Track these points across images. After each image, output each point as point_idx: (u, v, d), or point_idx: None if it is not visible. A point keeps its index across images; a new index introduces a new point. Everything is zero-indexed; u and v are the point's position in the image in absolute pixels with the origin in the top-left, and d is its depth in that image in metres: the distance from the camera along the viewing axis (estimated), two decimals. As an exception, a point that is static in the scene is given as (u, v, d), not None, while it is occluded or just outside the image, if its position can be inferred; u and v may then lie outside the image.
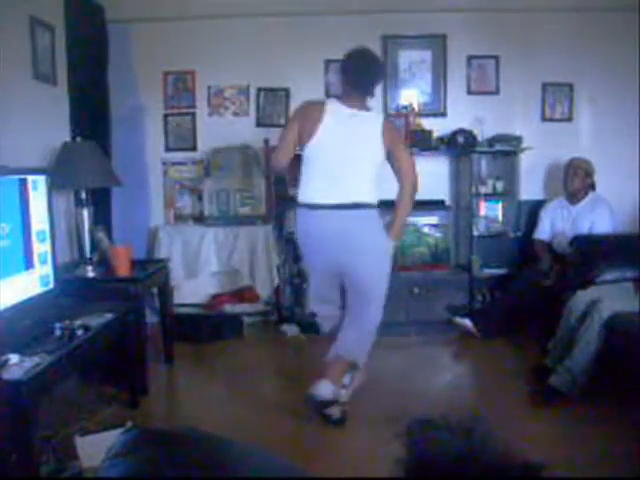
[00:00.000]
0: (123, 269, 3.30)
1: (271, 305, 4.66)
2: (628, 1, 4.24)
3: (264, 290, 4.49)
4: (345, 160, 2.81)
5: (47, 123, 3.52)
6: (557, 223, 4.22)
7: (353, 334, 2.95)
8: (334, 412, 2.90)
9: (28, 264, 2.67)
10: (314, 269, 3.04)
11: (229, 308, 4.61)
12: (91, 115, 3.93)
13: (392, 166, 2.92)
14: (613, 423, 2.78)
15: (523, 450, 0.73)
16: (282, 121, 4.69)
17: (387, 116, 3.22)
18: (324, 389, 2.88)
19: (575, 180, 4.12)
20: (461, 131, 4.41)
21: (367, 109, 2.91)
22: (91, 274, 3.33)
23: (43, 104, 3.48)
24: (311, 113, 2.85)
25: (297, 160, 2.94)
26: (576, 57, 4.57)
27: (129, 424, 2.46)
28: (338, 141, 2.80)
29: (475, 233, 4.51)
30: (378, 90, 4.52)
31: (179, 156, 4.76)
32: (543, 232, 4.28)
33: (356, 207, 2.81)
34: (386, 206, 3.00)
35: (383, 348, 3.15)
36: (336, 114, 2.82)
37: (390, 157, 2.89)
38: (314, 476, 1.60)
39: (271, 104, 4.73)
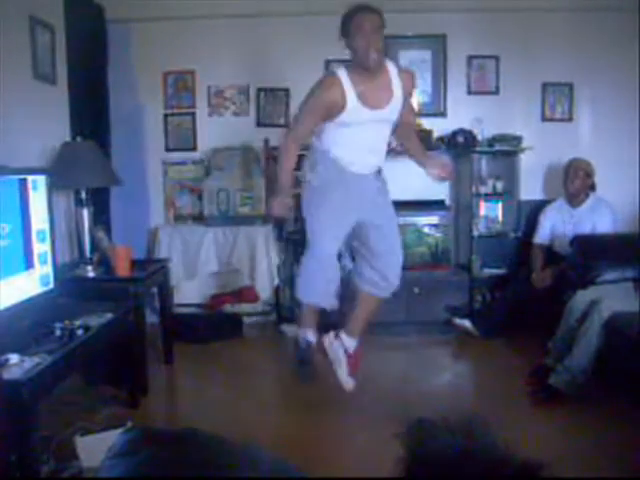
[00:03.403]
0: (123, 269, 3.30)
1: (271, 305, 4.66)
2: (628, 1, 4.24)
3: (264, 290, 4.49)
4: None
5: (47, 123, 3.52)
6: (558, 227, 4.18)
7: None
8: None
9: (28, 264, 2.67)
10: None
11: (229, 308, 4.61)
12: (91, 115, 3.93)
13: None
14: (613, 423, 2.78)
15: (523, 450, 0.73)
16: (282, 121, 4.69)
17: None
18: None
19: (576, 181, 4.10)
20: (461, 131, 4.41)
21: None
22: (91, 274, 3.33)
23: (43, 104, 3.48)
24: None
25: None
26: (576, 57, 4.56)
27: (129, 424, 2.46)
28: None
29: (475, 233, 4.50)
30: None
31: (179, 156, 4.76)
32: (543, 237, 4.24)
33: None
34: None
35: (383, 348, 3.15)
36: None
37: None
38: (314, 476, 1.60)
39: (271, 104, 4.72)
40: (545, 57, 4.58)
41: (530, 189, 4.60)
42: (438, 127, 4.53)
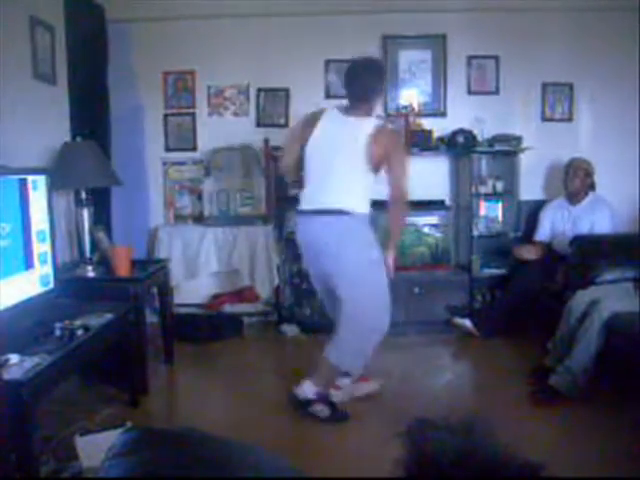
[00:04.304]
0: (123, 269, 3.30)
1: (271, 305, 4.66)
2: (628, 1, 4.24)
3: (264, 290, 4.49)
4: (328, 166, 2.88)
5: (47, 123, 3.52)
6: (557, 224, 4.21)
7: (339, 342, 2.97)
8: (319, 410, 2.93)
9: (28, 264, 2.68)
10: (312, 277, 3.16)
11: (229, 308, 4.62)
12: (91, 115, 3.92)
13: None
14: (613, 423, 2.78)
15: (523, 450, 0.73)
16: (282, 121, 4.70)
17: (387, 122, 3.18)
18: (305, 388, 2.96)
19: (575, 180, 4.12)
20: (461, 131, 4.41)
21: (368, 116, 2.93)
22: (91, 274, 3.33)
23: (43, 104, 3.48)
24: (311, 119, 2.95)
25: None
26: (576, 57, 4.56)
27: (129, 424, 2.46)
28: (325, 147, 2.89)
29: (475, 233, 4.50)
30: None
31: (179, 156, 4.76)
32: (543, 234, 4.27)
33: (332, 213, 2.85)
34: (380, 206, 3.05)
35: (383, 348, 3.14)
36: (330, 120, 2.91)
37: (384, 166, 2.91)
38: (314, 476, 1.60)
39: (271, 104, 4.72)
40: (545, 57, 4.58)
41: (530, 189, 4.60)
42: (438, 127, 4.53)
